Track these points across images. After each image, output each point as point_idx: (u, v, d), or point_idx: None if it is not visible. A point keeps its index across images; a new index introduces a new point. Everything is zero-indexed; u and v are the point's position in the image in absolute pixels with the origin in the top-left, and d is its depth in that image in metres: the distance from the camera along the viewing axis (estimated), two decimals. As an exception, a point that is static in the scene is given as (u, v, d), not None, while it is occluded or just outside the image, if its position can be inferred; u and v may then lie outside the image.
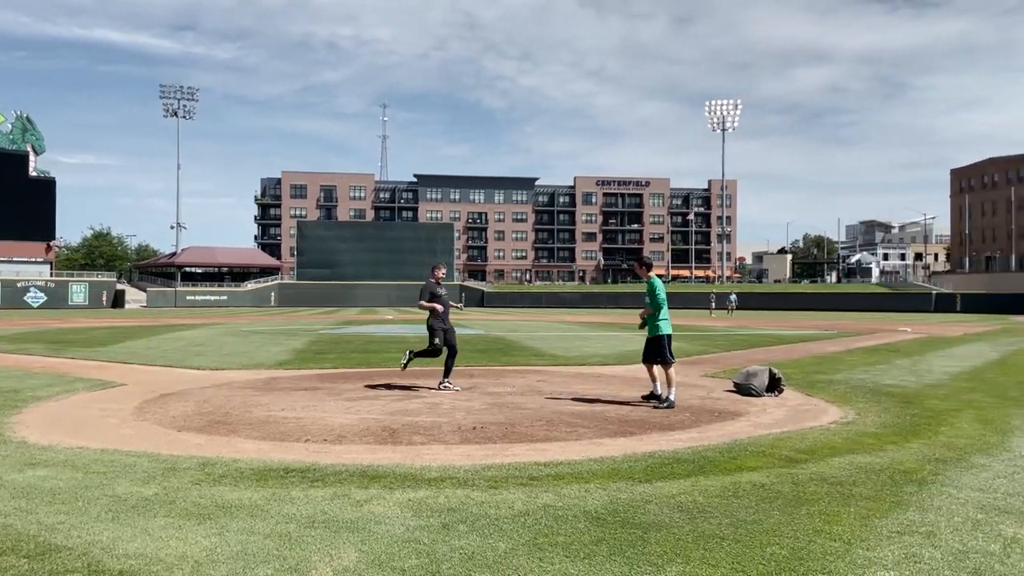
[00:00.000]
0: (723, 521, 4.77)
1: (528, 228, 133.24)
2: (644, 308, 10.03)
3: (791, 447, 7.11)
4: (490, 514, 4.87)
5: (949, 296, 72.76)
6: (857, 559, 4.11)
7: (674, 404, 9.46)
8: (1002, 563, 4.08)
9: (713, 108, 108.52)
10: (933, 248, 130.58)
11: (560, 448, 6.99)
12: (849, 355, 18.41)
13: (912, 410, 9.42)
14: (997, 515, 4.96)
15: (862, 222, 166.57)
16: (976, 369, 15.01)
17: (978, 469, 6.27)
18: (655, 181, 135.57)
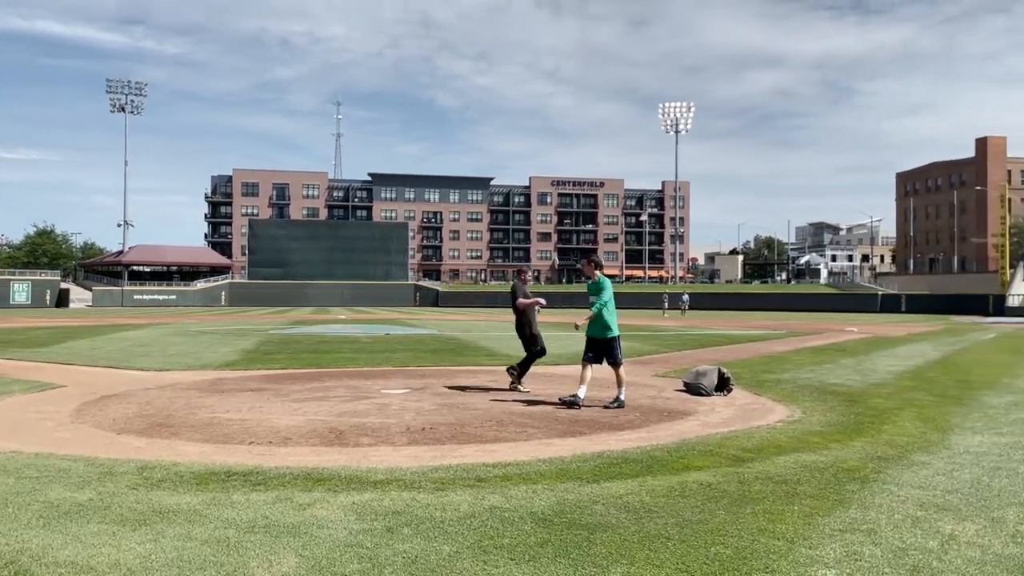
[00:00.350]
0: (669, 521, 4.77)
1: (483, 228, 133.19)
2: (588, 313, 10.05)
3: (738, 446, 7.18)
4: (435, 517, 4.81)
5: (894, 297, 74.61)
6: (800, 558, 4.14)
7: (624, 403, 9.47)
8: (940, 560, 4.15)
9: (666, 110, 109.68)
10: (879, 250, 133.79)
11: (509, 449, 6.94)
12: (797, 355, 18.73)
13: (856, 409, 9.59)
14: (936, 512, 5.05)
15: (811, 224, 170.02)
16: (918, 368, 15.38)
17: (918, 467, 6.39)
18: (610, 182, 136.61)
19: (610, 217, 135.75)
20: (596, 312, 9.45)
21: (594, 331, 9.60)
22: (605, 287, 9.59)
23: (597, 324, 9.53)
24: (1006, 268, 73.94)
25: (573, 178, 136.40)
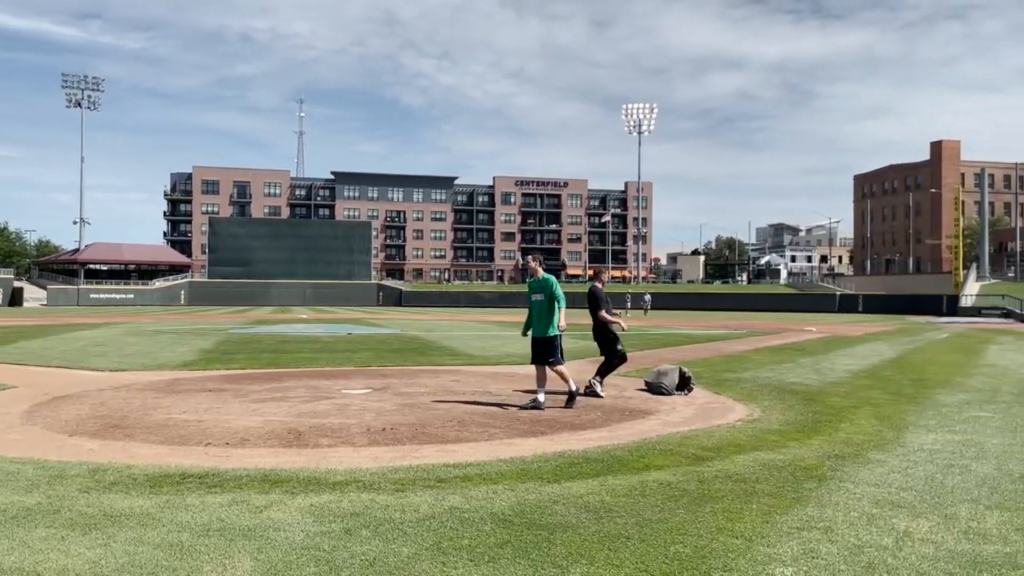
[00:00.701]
0: (629, 521, 4.78)
1: (447, 227, 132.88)
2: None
3: (698, 445, 7.22)
4: (395, 518, 4.75)
5: (852, 297, 75.98)
6: (758, 556, 4.17)
7: (576, 395, 9.46)
8: (894, 556, 4.20)
9: (630, 111, 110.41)
10: (837, 251, 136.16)
11: (470, 449, 6.91)
12: (757, 354, 18.95)
13: (814, 407, 9.72)
14: (891, 509, 5.12)
15: (771, 225, 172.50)
16: (874, 367, 15.65)
17: (874, 464, 6.49)
18: (573, 182, 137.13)
19: (574, 217, 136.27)
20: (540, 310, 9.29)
21: (538, 330, 9.33)
22: (556, 284, 9.36)
23: (541, 323, 9.28)
24: (959, 269, 75.74)
25: (537, 178, 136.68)
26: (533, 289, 9.37)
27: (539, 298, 9.26)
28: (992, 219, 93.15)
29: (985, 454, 6.96)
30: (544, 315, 9.24)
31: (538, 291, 9.30)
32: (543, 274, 9.42)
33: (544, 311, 9.23)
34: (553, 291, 9.25)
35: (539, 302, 9.26)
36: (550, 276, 9.45)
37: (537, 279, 9.37)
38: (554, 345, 9.25)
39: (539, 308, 9.27)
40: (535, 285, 9.37)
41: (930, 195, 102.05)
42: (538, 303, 9.27)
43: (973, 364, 16.86)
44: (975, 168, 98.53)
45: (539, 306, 9.26)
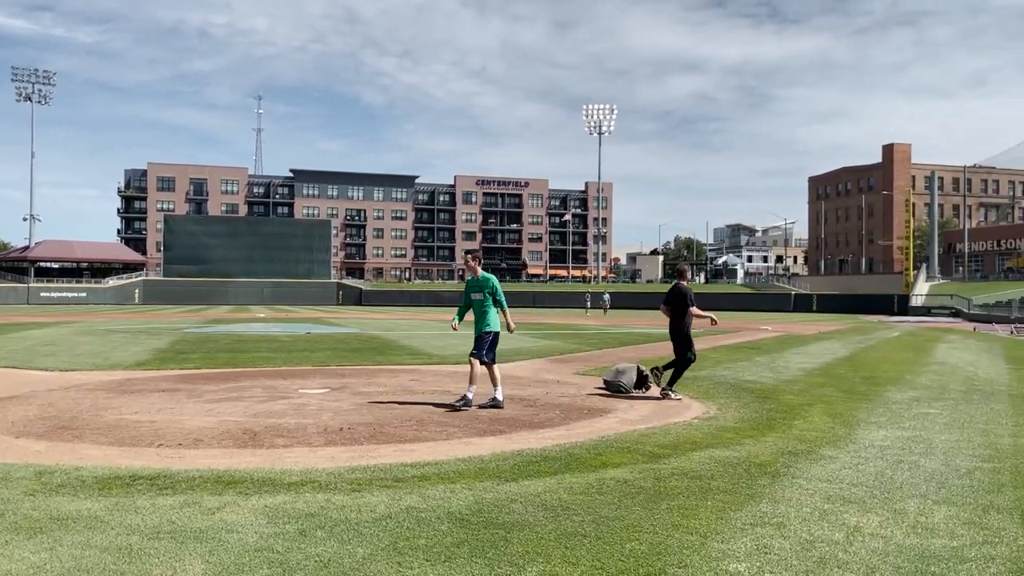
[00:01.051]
0: (586, 518, 4.79)
1: (408, 226, 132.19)
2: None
3: (655, 443, 7.28)
4: (351, 518, 4.71)
5: (807, 296, 77.31)
6: (712, 552, 4.21)
7: (501, 404, 9.29)
8: (845, 551, 4.28)
9: (590, 112, 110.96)
10: (793, 251, 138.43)
11: (428, 448, 6.87)
12: (714, 352, 19.18)
13: (769, 405, 9.87)
14: (842, 505, 5.21)
15: (728, 225, 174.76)
16: (828, 365, 15.95)
17: (826, 461, 6.60)
18: (534, 182, 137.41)
19: (534, 217, 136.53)
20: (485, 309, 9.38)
21: (480, 327, 9.39)
22: (497, 284, 9.49)
23: (480, 319, 9.38)
24: (910, 269, 77.55)
25: (498, 177, 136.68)
26: (472, 288, 9.46)
27: (478, 297, 9.38)
28: (941, 221, 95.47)
29: (933, 450, 7.12)
30: (486, 312, 9.36)
31: (477, 290, 9.41)
32: (482, 273, 9.49)
33: (485, 308, 9.35)
34: (495, 291, 9.41)
35: (479, 301, 9.38)
36: (490, 275, 9.53)
37: (476, 278, 9.44)
38: (492, 342, 9.37)
39: (480, 306, 9.38)
40: (474, 284, 9.46)
41: (882, 197, 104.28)
42: (478, 302, 9.39)
43: (923, 362, 17.26)
44: (925, 171, 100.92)
45: (480, 304, 9.39)
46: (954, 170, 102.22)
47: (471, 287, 9.52)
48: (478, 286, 9.44)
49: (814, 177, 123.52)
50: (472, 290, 9.49)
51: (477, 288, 9.44)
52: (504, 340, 10.11)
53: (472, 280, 9.53)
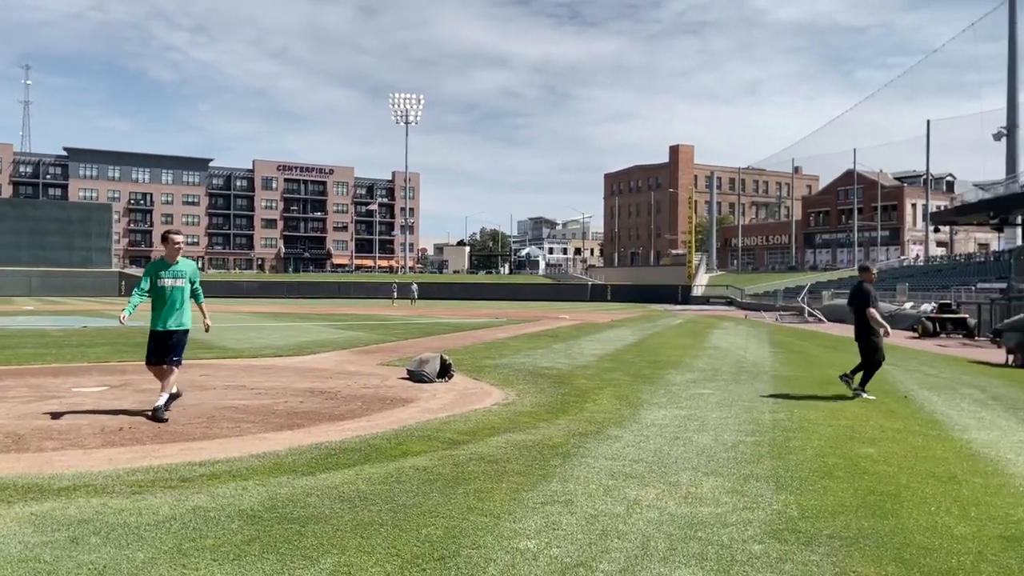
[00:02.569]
0: (383, 508, 4.80)
1: (201, 212, 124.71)
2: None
3: (455, 429, 7.41)
4: (129, 522, 4.41)
5: (602, 287, 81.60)
6: (504, 531, 4.37)
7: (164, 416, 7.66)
8: (624, 523, 4.59)
9: (397, 101, 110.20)
10: (590, 244, 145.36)
11: (219, 446, 6.57)
12: (514, 340, 19.78)
13: (563, 390, 10.35)
14: (624, 480, 5.59)
15: (531, 218, 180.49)
16: (618, 351, 16.96)
17: (612, 440, 7.04)
18: (339, 169, 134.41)
19: (340, 205, 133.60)
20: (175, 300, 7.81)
21: (175, 321, 7.80)
22: (195, 268, 8.13)
23: (173, 312, 7.80)
24: (692, 262, 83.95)
25: (301, 163, 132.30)
26: (172, 274, 7.76)
27: (179, 284, 7.78)
28: (719, 217, 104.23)
29: (705, 427, 7.80)
30: (185, 304, 7.88)
31: (178, 276, 7.80)
32: (182, 258, 7.95)
33: (185, 300, 7.85)
34: (195, 279, 8.02)
35: (180, 289, 7.78)
36: (191, 261, 8.20)
37: (176, 262, 7.82)
38: (184, 342, 7.98)
39: (180, 296, 7.81)
40: (175, 269, 7.79)
41: (668, 194, 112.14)
42: (179, 290, 7.78)
43: (700, 347, 18.80)
44: (706, 171, 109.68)
45: (180, 293, 7.79)
46: (730, 171, 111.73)
47: (165, 273, 7.74)
48: (177, 272, 7.79)
49: (609, 174, 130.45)
50: (166, 276, 7.73)
51: (175, 275, 7.78)
52: (306, 332, 9.85)
53: (165, 264, 7.78)
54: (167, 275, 7.79)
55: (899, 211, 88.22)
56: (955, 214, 59.23)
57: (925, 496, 5.25)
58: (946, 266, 60.48)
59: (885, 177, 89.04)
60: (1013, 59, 54.94)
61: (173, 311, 7.81)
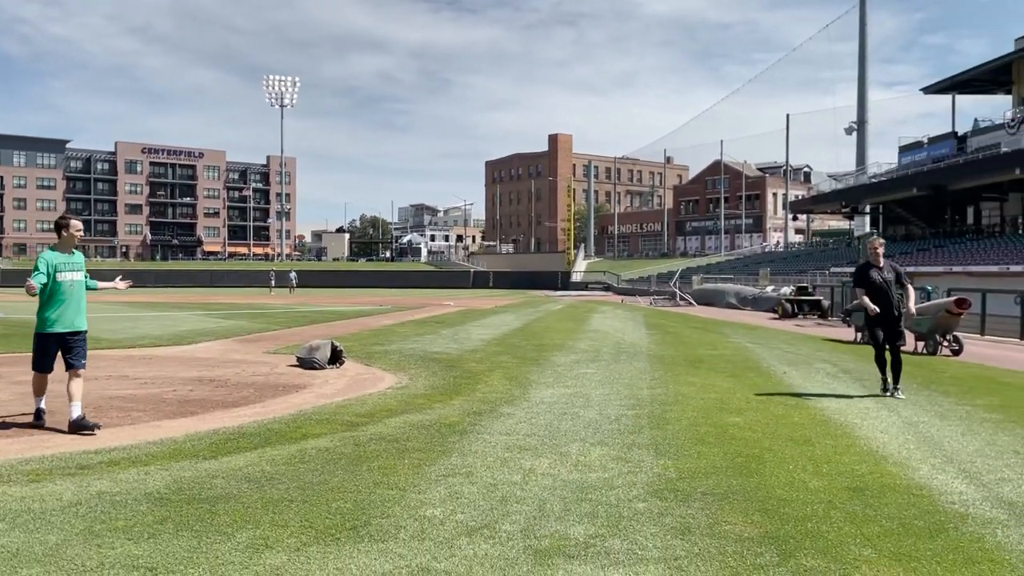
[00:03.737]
0: (291, 486, 4.98)
1: (58, 196, 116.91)
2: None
3: (352, 412, 7.60)
4: (34, 508, 4.40)
5: (484, 274, 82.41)
6: (411, 502, 4.65)
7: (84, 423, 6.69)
8: (522, 489, 4.97)
9: (271, 83, 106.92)
10: (472, 231, 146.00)
11: (112, 434, 6.50)
12: (402, 327, 19.93)
13: (455, 373, 10.67)
14: (519, 452, 5.97)
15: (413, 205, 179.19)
16: (503, 336, 17.43)
17: (505, 417, 7.42)
18: (210, 153, 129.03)
19: (211, 190, 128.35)
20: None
21: (77, 321, 6.90)
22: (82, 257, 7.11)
23: (79, 310, 6.91)
24: (571, 249, 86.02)
25: (168, 146, 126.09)
26: (72, 266, 6.86)
27: (78, 277, 6.91)
28: (597, 205, 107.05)
29: (590, 403, 8.31)
30: (84, 300, 7.01)
31: (77, 268, 6.91)
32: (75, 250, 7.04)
33: (84, 295, 7.01)
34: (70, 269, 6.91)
35: (80, 283, 6.93)
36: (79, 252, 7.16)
37: (72, 253, 6.94)
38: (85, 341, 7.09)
39: (82, 291, 6.97)
40: (74, 262, 6.89)
41: (548, 183, 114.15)
42: (79, 284, 6.93)
43: (581, 330, 19.55)
44: (584, 160, 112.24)
45: (81, 288, 6.96)
46: (607, 160, 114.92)
47: (64, 266, 6.79)
48: (76, 265, 6.91)
49: (490, 162, 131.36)
50: (66, 269, 6.80)
51: (75, 267, 6.90)
52: (183, 321, 9.70)
53: (62, 256, 6.83)
54: (67, 268, 6.82)
55: (762, 200, 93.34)
56: (812, 203, 63.50)
57: (784, 457, 5.90)
58: (803, 252, 64.64)
59: (749, 168, 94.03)
60: (863, 58, 59.23)
61: (78, 309, 6.90)
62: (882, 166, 56.29)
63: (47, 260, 6.75)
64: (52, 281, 6.71)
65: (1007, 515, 4.50)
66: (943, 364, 12.72)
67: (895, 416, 7.73)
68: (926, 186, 45.06)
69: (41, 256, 6.81)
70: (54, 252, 6.86)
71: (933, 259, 40.15)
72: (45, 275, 6.66)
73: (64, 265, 6.80)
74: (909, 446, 6.36)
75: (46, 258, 6.78)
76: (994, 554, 3.86)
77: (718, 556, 3.78)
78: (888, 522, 4.35)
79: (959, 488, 5.07)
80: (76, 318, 6.87)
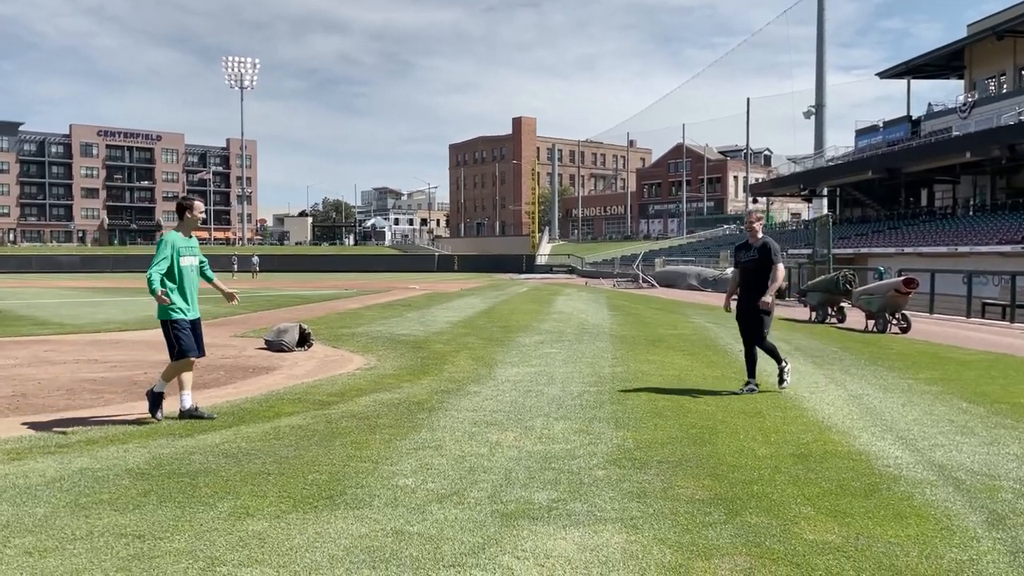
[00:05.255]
0: (267, 460, 5.19)
1: (11, 180, 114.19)
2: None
3: (323, 392, 7.81)
4: (19, 484, 4.57)
5: (449, 257, 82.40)
6: (384, 473, 4.90)
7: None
8: (489, 460, 5.24)
9: (230, 64, 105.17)
10: (436, 214, 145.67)
11: (88, 415, 6.64)
12: (368, 311, 20.06)
13: (422, 354, 10.90)
14: (486, 427, 6.24)
15: (376, 189, 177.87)
16: (470, 318, 17.67)
17: (472, 395, 7.69)
18: (168, 136, 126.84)
19: (169, 174, 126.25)
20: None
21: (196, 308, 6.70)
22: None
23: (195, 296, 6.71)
24: (535, 232, 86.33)
25: (125, 129, 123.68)
26: (192, 251, 6.65)
27: (195, 262, 6.70)
28: (561, 188, 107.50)
29: (554, 380, 8.60)
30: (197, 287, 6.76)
31: (195, 253, 6.72)
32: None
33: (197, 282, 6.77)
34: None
35: (197, 268, 6.74)
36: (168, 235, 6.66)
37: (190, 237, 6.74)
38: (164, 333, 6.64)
39: (196, 277, 6.73)
40: (191, 246, 6.68)
41: (512, 166, 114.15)
42: (196, 269, 6.72)
43: (546, 312, 19.87)
44: (548, 144, 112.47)
45: (196, 274, 6.73)
46: (571, 144, 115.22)
47: (185, 250, 6.55)
48: (195, 249, 6.70)
49: (454, 145, 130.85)
50: (187, 253, 6.57)
51: (194, 252, 6.67)
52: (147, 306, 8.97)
53: (181, 238, 6.59)
54: (188, 253, 6.56)
55: (723, 183, 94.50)
56: (771, 186, 64.51)
57: (736, 428, 6.25)
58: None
59: (711, 151, 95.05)
60: (821, 43, 60.15)
61: (194, 295, 6.63)
62: (839, 149, 57.49)
63: (172, 243, 6.47)
64: (176, 265, 6.45)
65: (936, 476, 4.88)
66: (891, 341, 13.26)
67: (841, 390, 8.15)
68: (881, 169, 46.07)
69: (164, 239, 6.49)
70: (177, 234, 6.58)
71: (887, 240, 41.18)
72: (170, 259, 6.40)
73: (185, 249, 6.56)
74: (853, 416, 6.76)
75: (170, 240, 6.48)
76: (921, 510, 4.22)
77: (671, 516, 4.09)
78: (827, 484, 4.71)
79: (895, 453, 5.46)
80: (195, 305, 6.62)
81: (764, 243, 7.87)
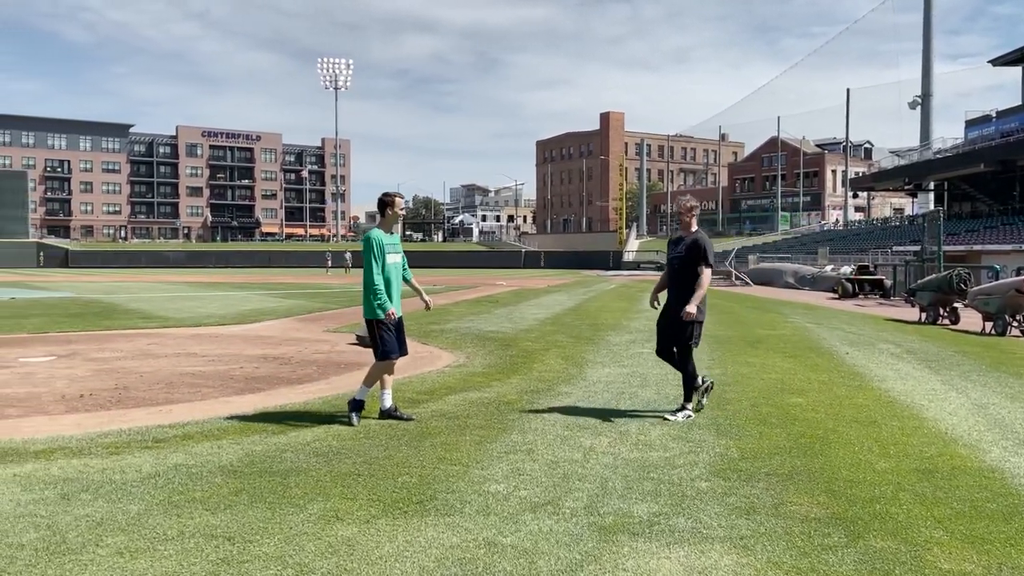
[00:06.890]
0: (358, 460, 5.10)
1: (122, 180, 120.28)
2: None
3: (413, 389, 7.73)
4: (115, 480, 4.60)
5: (535, 254, 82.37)
6: (475, 477, 4.72)
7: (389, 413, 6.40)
8: (583, 467, 5.00)
9: (325, 65, 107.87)
10: (522, 211, 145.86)
11: (185, 409, 6.73)
12: (456, 307, 20.07)
13: (511, 352, 10.73)
14: (578, 431, 6.00)
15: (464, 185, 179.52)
16: (558, 315, 17.44)
17: (563, 396, 7.46)
18: (267, 135, 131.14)
19: (268, 173, 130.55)
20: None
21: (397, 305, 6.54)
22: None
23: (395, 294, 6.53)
24: (623, 228, 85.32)
25: (226, 130, 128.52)
26: (395, 248, 6.53)
27: (399, 260, 6.58)
28: (649, 184, 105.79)
29: (647, 382, 8.28)
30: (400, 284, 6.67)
31: (398, 251, 6.56)
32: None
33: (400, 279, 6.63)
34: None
35: (399, 266, 6.58)
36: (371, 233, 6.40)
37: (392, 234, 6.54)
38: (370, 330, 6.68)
39: (400, 274, 6.59)
40: (394, 243, 6.50)
41: (600, 161, 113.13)
42: (399, 267, 6.58)
43: (635, 310, 19.43)
44: (636, 139, 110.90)
45: (400, 271, 6.59)
46: (660, 138, 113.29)
47: (389, 247, 6.37)
48: (398, 246, 6.56)
49: (541, 141, 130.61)
50: (391, 251, 6.40)
51: (397, 248, 6.52)
52: (246, 301, 9.81)
53: (385, 235, 6.38)
54: (392, 250, 6.39)
55: (820, 177, 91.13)
56: (873, 180, 61.75)
57: (849, 438, 5.82)
58: (864, 230, 63.04)
59: (807, 144, 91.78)
60: (928, 29, 57.19)
61: (399, 292, 6.52)
62: (947, 141, 54.48)
63: (378, 242, 6.25)
64: (383, 264, 6.29)
65: (1085, 499, 4.38)
66: (1012, 345, 12.34)
67: (964, 398, 7.55)
68: (994, 161, 43.43)
69: (369, 238, 6.25)
70: (380, 232, 6.36)
71: (1001, 237, 38.80)
72: (380, 259, 6.24)
73: (390, 246, 6.37)
74: (979, 428, 6.21)
75: (375, 239, 6.25)
76: (1072, 539, 3.76)
77: (784, 536, 3.77)
78: (959, 504, 4.27)
79: (1033, 471, 4.95)
80: (398, 300, 6.44)
81: (695, 239, 6.62)
